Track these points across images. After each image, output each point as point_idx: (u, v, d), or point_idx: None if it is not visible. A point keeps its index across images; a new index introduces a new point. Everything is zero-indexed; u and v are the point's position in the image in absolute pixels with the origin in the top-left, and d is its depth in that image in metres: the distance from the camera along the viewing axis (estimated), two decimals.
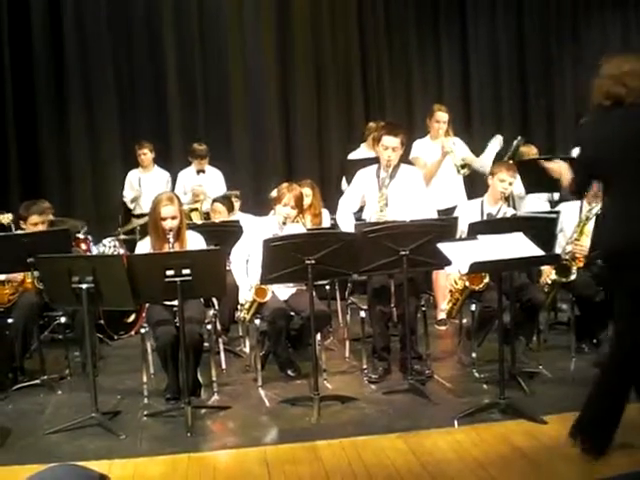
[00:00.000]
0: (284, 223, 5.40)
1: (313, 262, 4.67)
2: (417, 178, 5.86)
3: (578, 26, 10.44)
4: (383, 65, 9.79)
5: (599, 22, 10.53)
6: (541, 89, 10.27)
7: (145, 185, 8.40)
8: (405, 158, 7.03)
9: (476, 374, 5.34)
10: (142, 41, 9.15)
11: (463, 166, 6.86)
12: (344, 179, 7.53)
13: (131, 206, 8.54)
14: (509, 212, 5.70)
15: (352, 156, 7.91)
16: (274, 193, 6.14)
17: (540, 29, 10.30)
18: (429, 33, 10.05)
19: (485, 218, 5.57)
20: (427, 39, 10.04)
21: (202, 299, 5.29)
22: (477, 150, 7.32)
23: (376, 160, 5.89)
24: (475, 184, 7.33)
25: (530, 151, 7.68)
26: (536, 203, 7.22)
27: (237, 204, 7.50)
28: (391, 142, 5.59)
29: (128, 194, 8.54)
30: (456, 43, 10.11)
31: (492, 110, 10.20)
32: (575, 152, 7.39)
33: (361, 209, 6.02)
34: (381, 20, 9.77)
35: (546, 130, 10.22)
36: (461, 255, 4.21)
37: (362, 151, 7.87)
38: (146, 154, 8.42)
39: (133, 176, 8.54)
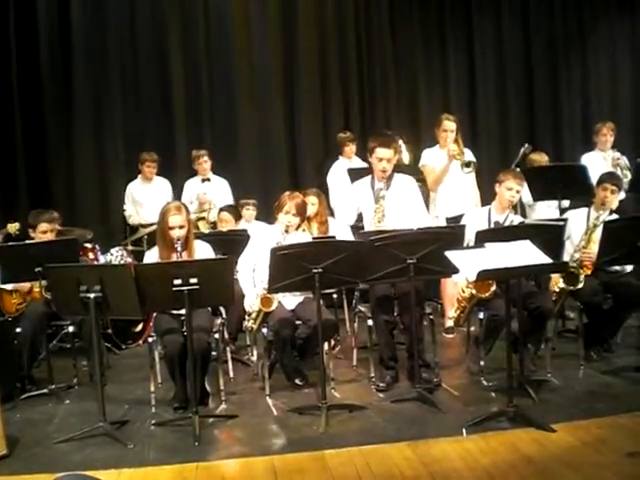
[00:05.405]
0: (286, 231, 5.40)
1: (320, 271, 4.68)
2: (412, 186, 5.87)
3: (585, 33, 10.45)
4: (389, 75, 9.82)
5: (606, 29, 10.53)
6: (548, 96, 10.28)
7: (147, 196, 8.43)
8: (415, 167, 7.10)
9: (484, 382, 5.32)
10: (148, 51, 9.20)
11: (468, 164, 6.84)
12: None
13: (129, 221, 8.44)
14: (516, 220, 5.68)
15: (334, 168, 8.47)
16: None
17: (546, 35, 10.32)
18: (435, 42, 10.07)
19: (492, 226, 5.56)
20: (434, 49, 10.07)
21: (210, 308, 5.30)
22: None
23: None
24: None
25: (541, 159, 7.67)
26: (546, 211, 7.22)
27: (254, 212, 7.51)
28: (385, 154, 5.61)
29: (129, 208, 8.47)
30: (462, 51, 10.13)
31: (499, 119, 10.21)
32: (585, 159, 7.44)
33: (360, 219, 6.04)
34: (386, 31, 9.82)
35: (553, 138, 10.22)
36: (469, 263, 4.21)
37: (342, 162, 8.48)
38: (150, 166, 8.39)
39: (134, 188, 8.53)
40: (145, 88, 9.17)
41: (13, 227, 6.58)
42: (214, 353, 5.27)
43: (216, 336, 5.26)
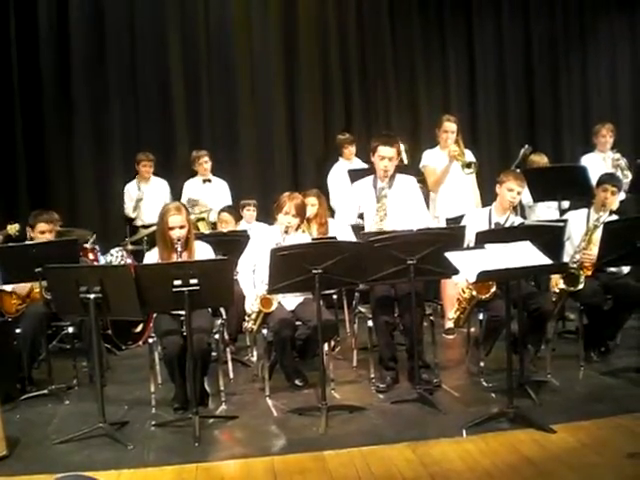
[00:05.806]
0: (286, 232, 5.40)
1: (320, 271, 4.67)
2: (414, 186, 5.89)
3: (585, 34, 10.42)
4: (389, 76, 9.80)
5: (606, 29, 10.51)
6: (548, 97, 10.28)
7: (145, 196, 8.44)
8: (415, 167, 7.11)
9: (484, 383, 5.32)
10: (148, 51, 9.16)
11: (469, 165, 6.84)
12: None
13: (133, 215, 8.47)
14: (517, 221, 5.66)
15: (334, 170, 8.49)
16: None
17: (546, 36, 10.29)
18: (435, 43, 10.04)
19: (493, 227, 5.55)
20: (434, 50, 10.02)
21: (210, 309, 5.30)
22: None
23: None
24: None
25: (541, 160, 7.67)
26: (546, 212, 7.22)
27: (254, 213, 7.52)
28: (387, 152, 5.63)
29: (129, 205, 8.50)
30: (462, 52, 10.10)
31: (499, 120, 10.19)
32: (585, 160, 7.44)
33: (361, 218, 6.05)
34: (386, 32, 9.78)
35: (553, 139, 10.20)
36: (469, 264, 4.21)
37: (342, 163, 8.54)
38: (146, 166, 8.42)
39: (132, 188, 8.54)
40: (145, 88, 9.13)
41: (13, 228, 6.59)
42: (214, 354, 5.28)
43: (216, 337, 5.26)
